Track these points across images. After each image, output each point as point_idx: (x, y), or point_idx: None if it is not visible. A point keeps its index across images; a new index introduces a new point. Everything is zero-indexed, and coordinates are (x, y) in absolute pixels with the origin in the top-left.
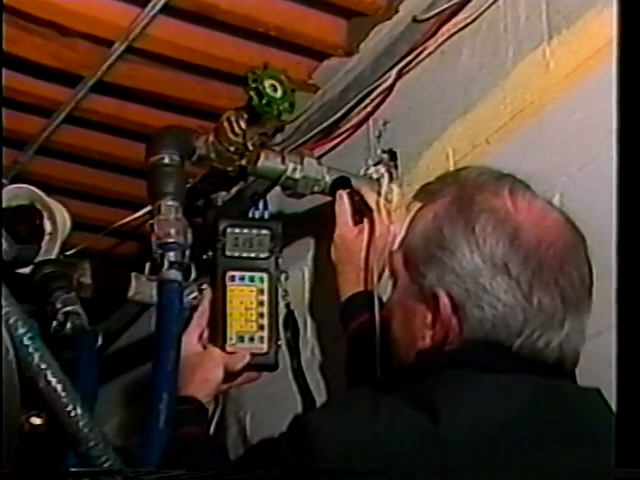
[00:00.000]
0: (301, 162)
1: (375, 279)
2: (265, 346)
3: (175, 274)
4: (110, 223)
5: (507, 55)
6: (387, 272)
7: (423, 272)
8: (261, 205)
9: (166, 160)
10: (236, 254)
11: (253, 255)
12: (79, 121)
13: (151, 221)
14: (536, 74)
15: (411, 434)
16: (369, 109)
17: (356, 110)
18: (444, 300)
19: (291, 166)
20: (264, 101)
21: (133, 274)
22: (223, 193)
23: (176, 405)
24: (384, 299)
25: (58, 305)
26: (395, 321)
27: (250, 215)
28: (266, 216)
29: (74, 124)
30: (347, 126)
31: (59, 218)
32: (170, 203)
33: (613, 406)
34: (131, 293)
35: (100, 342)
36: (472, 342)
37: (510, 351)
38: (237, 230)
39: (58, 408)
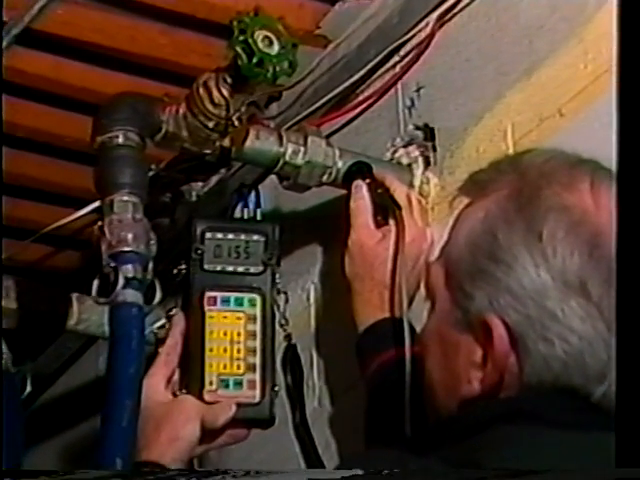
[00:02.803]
0: (304, 142)
1: (405, 301)
2: (257, 393)
3: (133, 295)
4: (42, 225)
5: None
6: (422, 291)
7: (470, 292)
8: (251, 201)
9: (120, 139)
10: (218, 267)
11: (241, 269)
12: None
13: (100, 222)
14: None
15: None
16: (397, 70)
17: (380, 71)
18: (498, 330)
19: (291, 148)
20: (255, 59)
21: (74, 295)
22: (199, 184)
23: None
24: (417, 328)
25: None
26: (432, 358)
27: (237, 215)
28: (258, 216)
29: None
30: (367, 93)
31: None
32: (126, 198)
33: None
34: (72, 321)
35: (29, 389)
36: (536, 388)
37: (589, 401)
38: (219, 235)
39: None
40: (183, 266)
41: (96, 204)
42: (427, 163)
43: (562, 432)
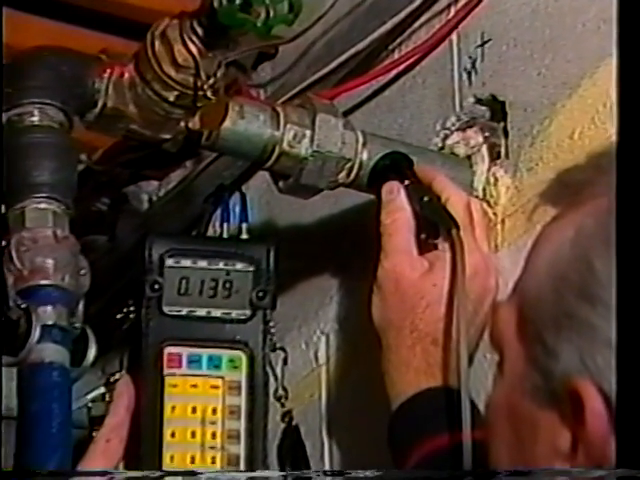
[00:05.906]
0: (311, 123)
1: (464, 362)
2: None
3: (55, 351)
4: None
5: None
6: (486, 346)
7: (554, 347)
8: (233, 210)
9: (35, 117)
10: (184, 311)
11: (219, 313)
12: None
13: (3, 242)
14: None
15: None
16: (451, 16)
17: (424, 17)
18: (593, 402)
19: (291, 131)
20: (238, 0)
21: None
22: (153, 184)
23: None
24: (480, 403)
25: None
26: (500, 444)
27: (211, 232)
28: (244, 234)
29: None
30: (406, 49)
31: None
32: (44, 206)
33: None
34: None
35: None
36: None
37: None
38: (186, 262)
39: None
40: (132, 308)
41: None
42: (495, 155)
43: None
